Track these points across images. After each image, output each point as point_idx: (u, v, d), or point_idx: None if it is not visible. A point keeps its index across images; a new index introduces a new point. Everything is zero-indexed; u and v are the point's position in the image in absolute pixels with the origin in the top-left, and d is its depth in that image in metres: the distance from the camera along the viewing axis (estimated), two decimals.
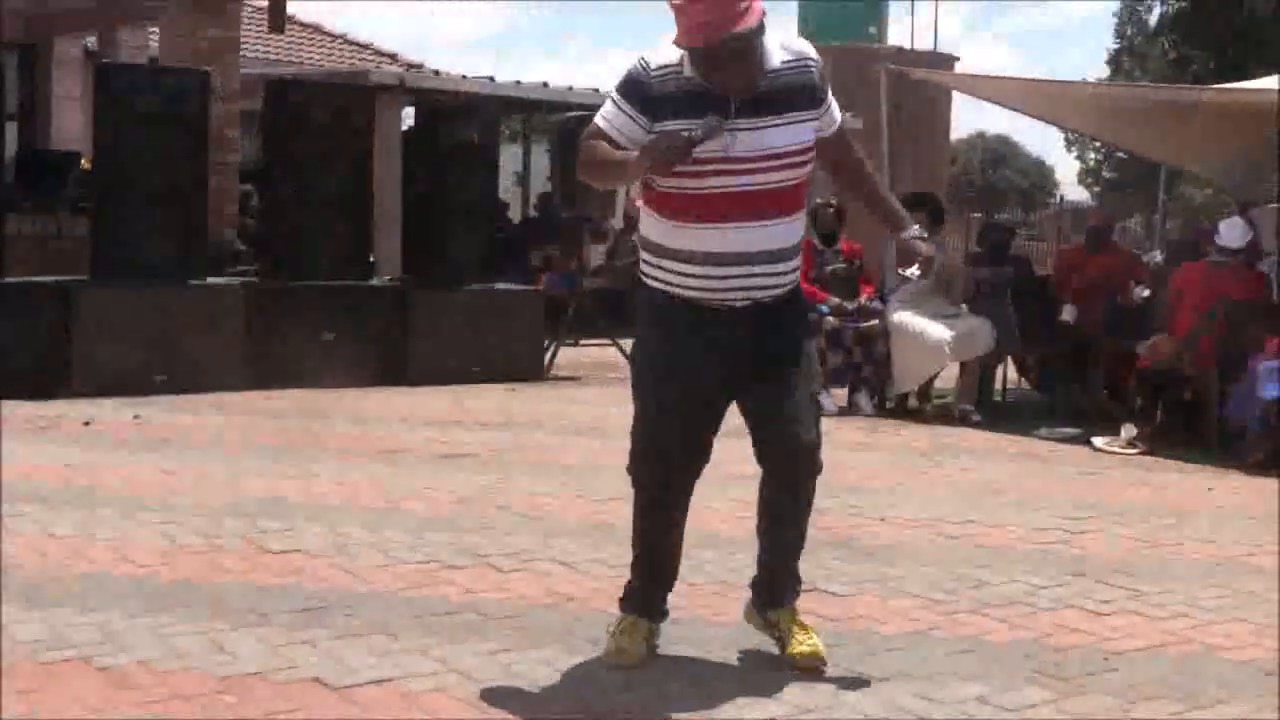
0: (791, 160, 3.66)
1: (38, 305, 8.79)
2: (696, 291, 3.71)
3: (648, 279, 3.82)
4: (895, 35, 22.49)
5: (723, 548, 5.08)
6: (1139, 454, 8.03)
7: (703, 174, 3.58)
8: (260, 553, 4.99)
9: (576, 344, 12.56)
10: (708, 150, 3.53)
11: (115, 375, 8.77)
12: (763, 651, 3.96)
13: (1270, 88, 9.49)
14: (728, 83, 3.57)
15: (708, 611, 4.38)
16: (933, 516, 6.00)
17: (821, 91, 3.75)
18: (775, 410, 3.76)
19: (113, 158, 9.15)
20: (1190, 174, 15.56)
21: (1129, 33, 42.03)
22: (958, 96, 12.65)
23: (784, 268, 3.74)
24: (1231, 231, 8.64)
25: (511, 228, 17.12)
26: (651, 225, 3.79)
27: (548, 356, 10.94)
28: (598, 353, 12.09)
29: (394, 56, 21.24)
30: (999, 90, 11.21)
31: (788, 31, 3.67)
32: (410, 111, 14.90)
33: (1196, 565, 5.29)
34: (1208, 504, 6.61)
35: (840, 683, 3.75)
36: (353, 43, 21.52)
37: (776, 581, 3.94)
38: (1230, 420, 8.04)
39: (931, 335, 9.08)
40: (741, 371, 3.75)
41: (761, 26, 3.54)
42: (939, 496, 6.51)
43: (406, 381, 9.80)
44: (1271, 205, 12.20)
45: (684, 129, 3.49)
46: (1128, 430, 8.27)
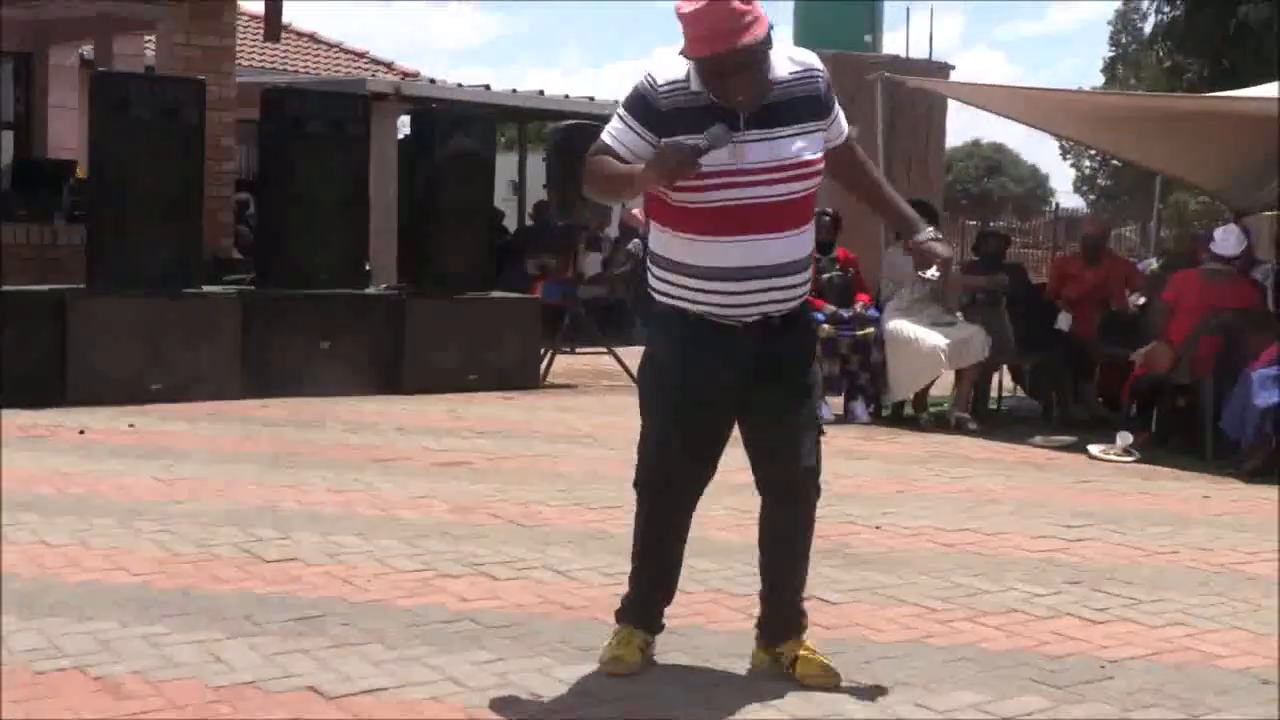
0: (801, 171, 3.63)
1: (33, 314, 8.77)
2: (707, 307, 3.67)
3: (658, 295, 3.78)
4: (891, 44, 22.50)
5: (718, 556, 5.08)
6: (1135, 462, 8.03)
7: (712, 187, 3.55)
8: (256, 562, 4.99)
9: (572, 352, 12.57)
10: (717, 163, 3.50)
11: (111, 384, 8.75)
12: None
13: (1265, 96, 9.50)
14: (735, 95, 3.55)
15: (703, 620, 4.38)
16: (928, 524, 6.00)
17: (829, 102, 3.74)
18: (777, 436, 3.74)
19: (109, 166, 9.13)
20: (1185, 182, 15.54)
21: (1124, 41, 42.18)
22: (953, 104, 12.64)
23: (795, 280, 3.70)
24: (1226, 239, 8.65)
25: (507, 236, 17.12)
26: (662, 240, 3.75)
27: (544, 365, 10.93)
28: (594, 361, 12.09)
29: (390, 65, 21.27)
30: (994, 98, 11.22)
31: (783, 39, 3.65)
32: (406, 120, 14.88)
33: (1193, 573, 5.29)
34: (1204, 512, 6.61)
35: (837, 691, 3.74)
36: (349, 51, 21.55)
37: (783, 616, 3.89)
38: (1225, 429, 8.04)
39: (927, 343, 9.08)
40: (748, 387, 3.71)
41: (769, 38, 3.52)
42: (935, 504, 6.51)
43: (402, 390, 9.80)
44: (1266, 213, 12.22)
45: (690, 139, 3.46)
46: (1123, 438, 8.27)
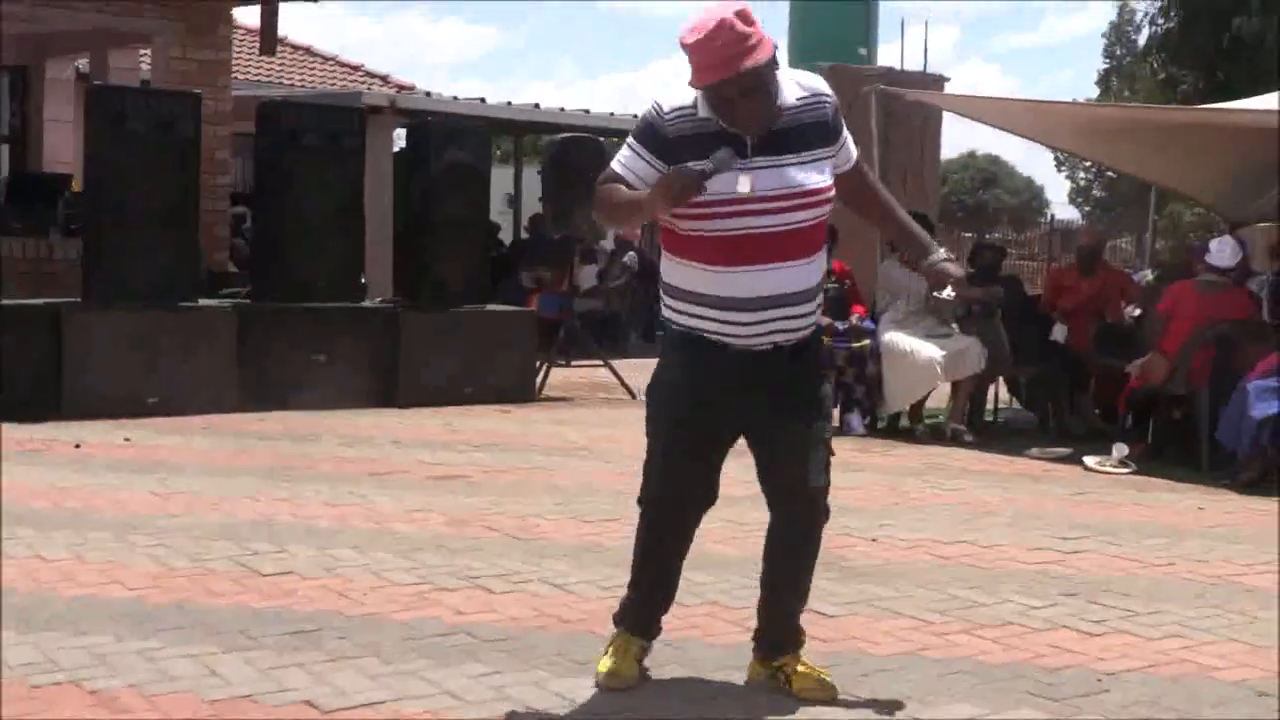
0: (809, 200, 3.60)
1: (29, 328, 8.76)
2: (718, 336, 3.66)
3: (670, 316, 3.77)
4: (886, 56, 22.55)
5: (715, 569, 5.07)
6: (1131, 474, 8.03)
7: (720, 215, 3.53)
8: (251, 575, 4.98)
9: (568, 365, 12.57)
10: (725, 192, 3.48)
11: (106, 397, 8.74)
12: None
13: (1259, 108, 9.52)
14: (742, 120, 3.53)
15: (699, 633, 4.38)
16: (925, 536, 6.00)
17: (837, 127, 3.71)
18: (787, 456, 3.73)
19: (104, 180, 9.13)
20: (1180, 193, 15.57)
21: (1118, 53, 42.25)
22: (948, 117, 12.63)
23: (806, 309, 3.69)
24: (1222, 250, 8.65)
25: (503, 249, 17.14)
26: (672, 270, 3.73)
27: (539, 378, 10.93)
28: (589, 374, 12.08)
29: (385, 78, 21.30)
30: (989, 111, 11.23)
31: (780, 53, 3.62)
32: (402, 133, 14.90)
33: (1189, 585, 5.29)
34: (1200, 524, 6.61)
35: (833, 705, 3.74)
36: (344, 65, 21.58)
37: (781, 630, 3.88)
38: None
39: (923, 355, 9.09)
40: (757, 411, 3.71)
41: (774, 61, 3.50)
42: (931, 516, 6.51)
43: (398, 403, 9.79)
44: (1261, 225, 12.22)
45: (697, 165, 3.43)
46: (1119, 450, 8.27)
